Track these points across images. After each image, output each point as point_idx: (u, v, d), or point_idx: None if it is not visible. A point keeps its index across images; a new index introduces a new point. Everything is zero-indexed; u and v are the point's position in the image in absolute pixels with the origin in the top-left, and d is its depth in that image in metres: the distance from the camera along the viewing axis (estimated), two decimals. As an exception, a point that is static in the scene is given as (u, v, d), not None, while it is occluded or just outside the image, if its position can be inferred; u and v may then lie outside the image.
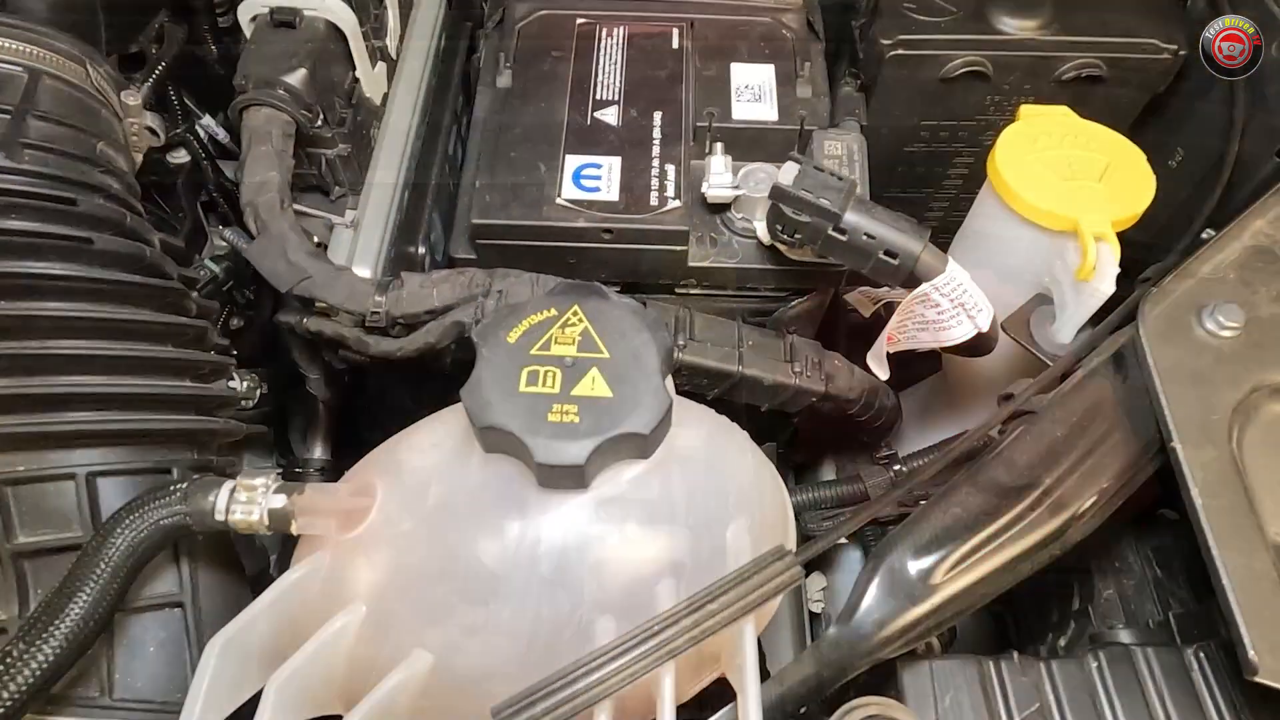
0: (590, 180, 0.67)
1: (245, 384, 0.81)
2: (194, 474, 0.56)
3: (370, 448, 0.55)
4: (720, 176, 0.68)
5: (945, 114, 0.79)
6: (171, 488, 0.48)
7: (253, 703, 0.43)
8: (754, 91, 0.73)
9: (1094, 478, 0.53)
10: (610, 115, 0.71)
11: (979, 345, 0.66)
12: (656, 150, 0.69)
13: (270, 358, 0.81)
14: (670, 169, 0.68)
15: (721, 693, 0.47)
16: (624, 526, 0.47)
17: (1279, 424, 0.55)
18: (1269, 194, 0.62)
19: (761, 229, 0.67)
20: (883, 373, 0.69)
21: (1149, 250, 0.92)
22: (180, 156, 0.88)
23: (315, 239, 0.67)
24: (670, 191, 0.67)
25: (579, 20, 0.78)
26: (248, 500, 0.48)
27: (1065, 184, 0.63)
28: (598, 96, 0.73)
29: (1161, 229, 0.89)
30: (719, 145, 0.69)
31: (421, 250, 0.82)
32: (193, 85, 0.83)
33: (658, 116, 0.71)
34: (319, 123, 0.68)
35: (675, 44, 0.76)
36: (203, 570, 0.54)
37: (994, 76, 0.75)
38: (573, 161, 0.68)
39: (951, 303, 0.59)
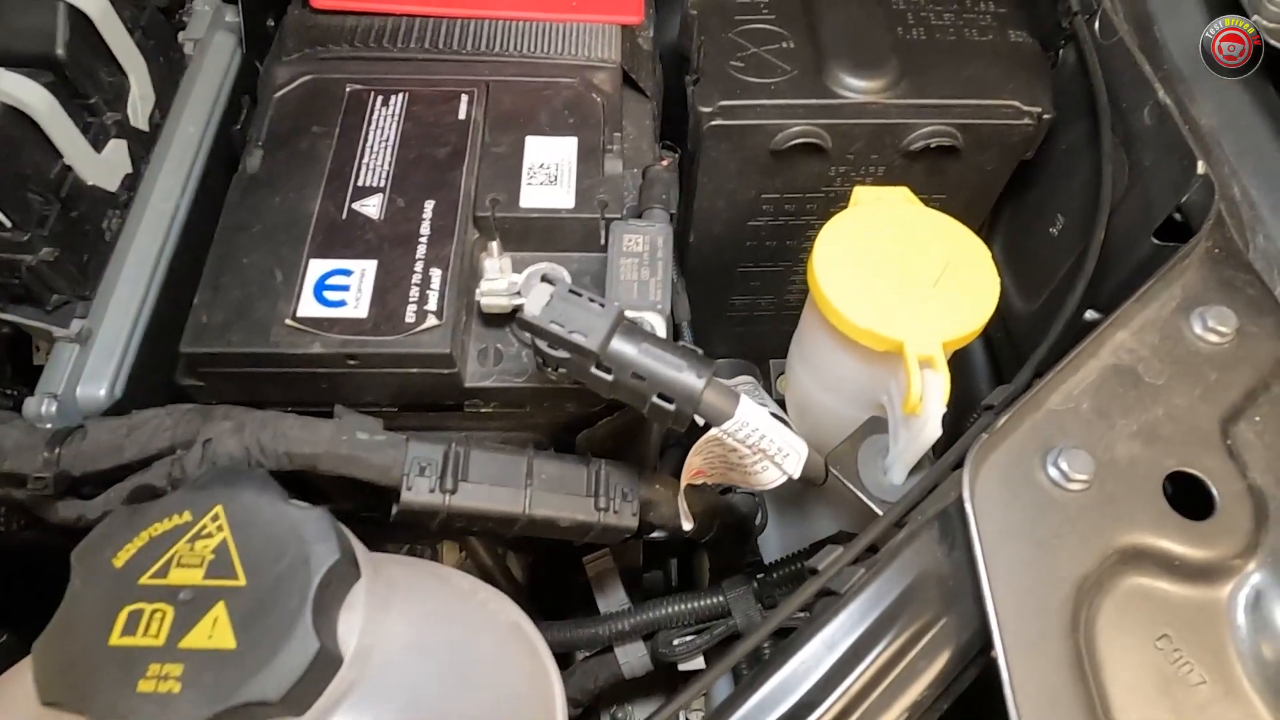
0: (335, 292, 0.56)
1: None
2: None
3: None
4: (494, 282, 0.56)
5: (786, 186, 0.68)
6: None
7: None
8: (549, 172, 0.62)
9: (904, 688, 0.43)
10: (372, 206, 0.60)
11: (807, 480, 0.55)
12: (422, 250, 0.58)
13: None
14: (436, 274, 0.57)
15: None
16: (263, 814, 0.36)
17: (1138, 598, 0.45)
18: (1132, 300, 0.52)
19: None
20: (687, 524, 0.58)
21: (1035, 322, 0.82)
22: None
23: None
24: (431, 303, 0.55)
25: (350, 86, 0.65)
26: None
27: (893, 293, 0.52)
28: (360, 183, 0.61)
29: (1048, 299, 0.79)
30: (494, 244, 0.57)
31: (192, 350, 0.70)
32: None
33: (429, 207, 0.59)
34: (6, 228, 0.55)
35: (463, 113, 0.65)
36: None
37: (833, 150, 0.64)
38: (317, 267, 0.57)
39: (750, 449, 0.48)
